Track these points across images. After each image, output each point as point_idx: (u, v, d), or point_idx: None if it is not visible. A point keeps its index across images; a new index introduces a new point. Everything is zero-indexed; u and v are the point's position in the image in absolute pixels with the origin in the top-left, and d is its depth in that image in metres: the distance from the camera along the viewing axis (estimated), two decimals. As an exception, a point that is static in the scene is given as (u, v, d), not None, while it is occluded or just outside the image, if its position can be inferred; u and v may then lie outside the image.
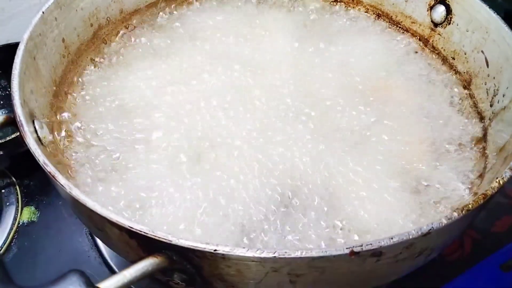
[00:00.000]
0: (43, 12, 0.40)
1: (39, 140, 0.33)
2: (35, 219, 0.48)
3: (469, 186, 0.37)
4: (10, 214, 0.48)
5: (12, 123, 0.32)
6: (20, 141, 0.50)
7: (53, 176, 0.26)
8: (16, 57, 0.35)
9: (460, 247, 0.48)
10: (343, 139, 0.40)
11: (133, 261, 0.25)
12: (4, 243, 0.46)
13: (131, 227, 0.24)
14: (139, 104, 0.43)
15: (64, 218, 0.49)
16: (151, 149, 0.39)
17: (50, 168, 0.27)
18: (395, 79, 0.47)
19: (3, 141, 0.47)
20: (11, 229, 0.47)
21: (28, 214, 0.48)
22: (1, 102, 0.60)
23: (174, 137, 0.40)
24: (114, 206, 0.33)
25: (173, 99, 0.44)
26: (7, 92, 0.60)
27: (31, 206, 0.49)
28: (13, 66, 0.34)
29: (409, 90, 0.46)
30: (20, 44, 0.36)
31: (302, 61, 0.48)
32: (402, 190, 0.37)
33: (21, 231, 0.47)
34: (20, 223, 0.48)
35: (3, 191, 0.49)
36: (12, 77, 0.33)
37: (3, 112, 0.59)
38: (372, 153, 0.39)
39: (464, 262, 0.46)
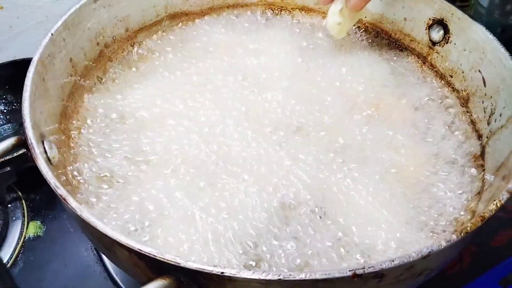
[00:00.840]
0: (52, 34, 0.41)
1: (48, 160, 0.34)
2: (41, 234, 0.49)
3: (467, 203, 0.38)
4: (16, 229, 0.48)
5: (23, 145, 0.33)
6: (26, 157, 0.51)
7: (64, 199, 0.27)
8: (26, 79, 0.36)
9: (459, 261, 0.48)
10: (343, 156, 0.41)
11: (141, 281, 0.26)
12: (10, 257, 0.47)
13: (140, 250, 0.25)
14: (146, 121, 0.44)
15: (69, 233, 0.49)
16: (157, 167, 0.40)
17: (61, 191, 0.28)
18: (393, 96, 0.48)
19: (10, 157, 0.48)
20: (17, 243, 0.47)
21: (34, 228, 0.49)
22: (8, 116, 0.61)
23: (181, 154, 0.41)
24: (118, 224, 0.34)
25: (179, 117, 0.45)
26: (13, 107, 0.61)
27: (37, 220, 0.50)
28: (24, 89, 0.35)
29: (407, 107, 0.47)
30: (30, 66, 0.37)
31: (304, 78, 0.49)
32: (400, 207, 0.38)
33: (27, 246, 0.48)
34: (26, 238, 0.48)
35: (9, 205, 0.50)
36: (23, 99, 0.34)
37: (10, 127, 0.60)
38: (370, 170, 0.40)
39: (463, 276, 0.47)
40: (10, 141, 0.32)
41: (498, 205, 0.28)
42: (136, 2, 0.51)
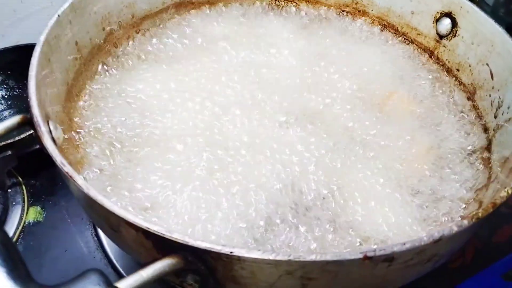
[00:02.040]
0: (58, 15, 0.40)
1: (53, 141, 0.33)
2: (41, 219, 0.48)
3: (474, 196, 0.38)
4: (16, 214, 0.48)
5: (28, 123, 0.32)
6: (28, 141, 0.51)
7: (70, 177, 0.27)
8: (32, 58, 0.35)
9: (462, 256, 0.48)
10: (350, 148, 0.40)
11: (145, 262, 0.26)
12: (9, 243, 0.46)
13: (149, 228, 0.25)
14: (149, 105, 0.44)
15: (69, 219, 0.49)
16: (161, 151, 0.40)
17: (67, 168, 0.27)
18: (399, 89, 0.48)
19: (12, 141, 0.47)
20: (17, 228, 0.47)
21: (34, 214, 0.49)
22: (9, 102, 0.60)
23: (186, 141, 0.40)
24: (122, 204, 0.33)
25: (183, 104, 0.44)
26: (14, 93, 0.61)
27: (37, 206, 0.50)
28: (30, 68, 0.34)
29: (414, 101, 0.47)
30: (36, 46, 0.37)
31: (309, 70, 0.49)
32: (407, 197, 0.38)
33: (27, 231, 0.47)
34: (26, 223, 0.48)
35: (9, 190, 0.49)
36: (29, 79, 0.34)
37: (11, 112, 0.60)
38: (378, 161, 0.40)
39: (466, 271, 0.47)
40: (15, 119, 0.31)
41: (510, 192, 0.28)
42: (143, -12, 0.51)
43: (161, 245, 0.25)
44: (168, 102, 0.44)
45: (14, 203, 0.48)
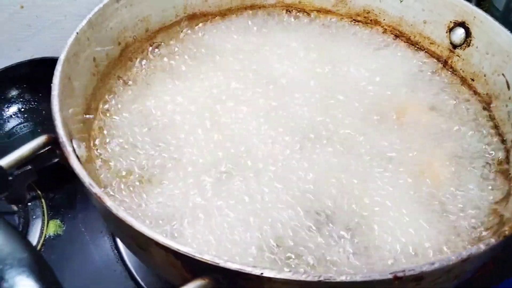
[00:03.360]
0: (77, 33, 0.41)
1: (78, 159, 0.34)
2: (61, 233, 0.49)
3: (493, 207, 0.38)
4: (36, 228, 0.48)
5: (53, 143, 0.33)
6: (47, 155, 0.51)
7: (99, 198, 0.27)
8: (54, 78, 0.36)
9: (483, 265, 0.48)
10: (368, 161, 0.40)
11: (176, 281, 0.26)
12: (30, 256, 0.46)
13: (179, 250, 0.25)
14: (165, 120, 0.44)
15: (89, 232, 0.49)
16: (180, 167, 0.40)
17: (96, 190, 0.28)
18: (414, 100, 0.48)
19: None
20: (38, 242, 0.47)
21: (54, 227, 0.49)
22: (25, 115, 0.61)
23: (203, 154, 0.41)
24: (146, 223, 0.34)
25: (200, 117, 0.45)
26: (30, 106, 0.61)
27: (57, 219, 0.50)
28: (52, 88, 0.35)
29: (429, 111, 0.47)
30: (57, 65, 0.37)
31: (325, 82, 0.49)
32: (426, 211, 0.38)
33: (47, 245, 0.48)
34: (47, 236, 0.48)
35: (29, 204, 0.50)
36: (52, 98, 0.34)
37: (26, 126, 0.60)
38: (396, 174, 0.40)
39: (488, 280, 0.47)
40: (40, 140, 0.32)
41: (535, 208, 0.28)
42: (157, 2, 0.51)
43: (191, 266, 0.26)
44: (182, 118, 0.44)
45: (34, 217, 0.49)
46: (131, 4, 0.48)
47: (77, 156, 0.34)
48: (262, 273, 0.24)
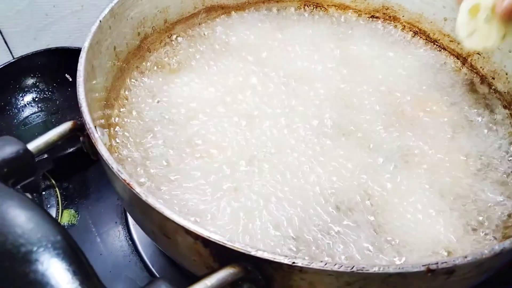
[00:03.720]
0: (100, 21, 0.41)
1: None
2: (75, 222, 0.49)
3: (514, 205, 0.38)
4: (51, 217, 0.48)
5: (78, 129, 0.32)
6: (62, 144, 0.51)
7: (128, 184, 0.27)
8: (79, 64, 0.36)
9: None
10: (388, 159, 0.40)
11: (199, 271, 0.26)
12: (45, 245, 0.46)
13: (209, 237, 0.25)
14: (183, 111, 0.44)
15: (103, 222, 0.49)
16: (197, 161, 0.40)
17: (124, 175, 0.27)
18: (433, 96, 0.47)
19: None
20: (52, 231, 0.47)
21: (68, 216, 0.49)
22: (39, 105, 0.61)
23: (223, 146, 0.41)
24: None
25: (218, 110, 0.44)
26: (44, 95, 0.61)
27: (71, 209, 0.50)
28: (77, 74, 0.35)
29: (448, 108, 0.46)
30: (82, 52, 0.37)
31: (338, 76, 0.49)
32: (449, 207, 0.37)
33: (61, 234, 0.48)
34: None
35: (43, 193, 0.50)
36: (77, 85, 0.34)
37: (40, 115, 0.60)
38: (416, 171, 0.39)
39: (504, 280, 0.46)
40: (67, 125, 0.32)
41: None
42: (177, -7, 0.51)
43: (220, 254, 0.26)
44: (200, 110, 0.44)
45: (48, 206, 0.49)
46: (151, -6, 0.48)
47: (101, 143, 0.34)
48: (293, 262, 0.24)
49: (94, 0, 0.59)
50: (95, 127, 0.34)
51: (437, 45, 0.53)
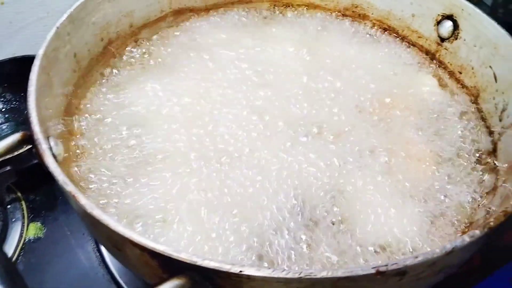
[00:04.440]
0: (57, 27, 0.40)
1: (54, 157, 0.33)
2: (41, 235, 0.48)
3: (480, 201, 0.38)
4: (16, 231, 0.47)
5: (28, 140, 0.31)
6: (26, 156, 0.50)
7: (73, 196, 0.26)
8: (31, 73, 0.35)
9: (469, 260, 0.47)
10: (354, 157, 0.40)
11: (151, 281, 0.25)
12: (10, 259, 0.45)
13: (154, 248, 0.24)
14: (149, 117, 0.43)
15: (70, 234, 0.48)
16: (162, 163, 0.39)
17: (70, 187, 0.27)
18: (401, 93, 0.47)
19: (10, 156, 0.46)
20: (17, 246, 0.46)
21: (34, 230, 0.48)
22: (6, 115, 0.59)
23: (186, 150, 0.40)
24: (124, 222, 0.32)
25: (184, 112, 0.44)
26: (12, 105, 0.60)
27: (37, 222, 0.49)
28: (29, 83, 0.34)
29: (416, 105, 0.46)
30: (35, 60, 0.36)
31: (311, 75, 0.48)
32: (414, 204, 0.37)
33: (27, 248, 0.47)
34: (26, 240, 0.47)
35: (8, 206, 0.49)
36: (28, 94, 0.33)
37: (8, 126, 0.59)
38: (384, 169, 0.39)
39: (473, 275, 0.46)
40: (15, 137, 0.31)
41: (521, 200, 0.27)
42: (141, -3, 0.50)
43: (167, 265, 0.25)
44: (166, 115, 0.43)
45: (13, 220, 0.48)
46: (114, -2, 0.47)
47: (53, 154, 0.33)
48: (241, 271, 0.23)
49: (59, 6, 0.58)
50: (48, 137, 0.33)
51: (406, 41, 0.53)
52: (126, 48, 0.50)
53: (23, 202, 0.50)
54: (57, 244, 0.47)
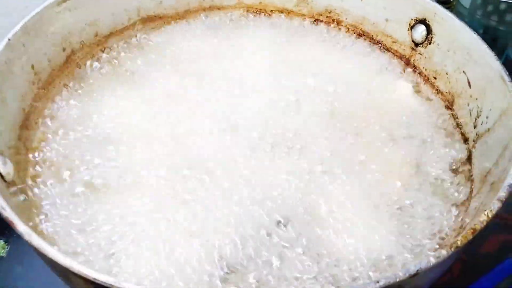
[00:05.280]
0: (9, 39, 0.38)
1: (1, 177, 0.31)
2: (3, 254, 0.45)
3: (454, 212, 0.36)
4: (-24, 251, 0.45)
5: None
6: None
7: (10, 222, 0.24)
8: (-22, 88, 0.33)
9: (449, 271, 0.46)
10: (325, 165, 0.38)
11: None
12: (-31, 282, 0.43)
13: (95, 279, 0.22)
14: (116, 132, 0.41)
15: (35, 253, 0.46)
16: (129, 184, 0.37)
17: (7, 213, 0.25)
18: (375, 99, 0.46)
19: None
20: (-23, 267, 0.44)
21: (-4, 249, 0.46)
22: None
23: (154, 165, 0.38)
24: (82, 248, 0.31)
25: (153, 126, 0.42)
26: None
27: (0, 240, 0.46)
28: (-26, 99, 0.32)
29: (390, 112, 0.45)
30: (-18, 74, 0.34)
31: (281, 83, 0.47)
32: (384, 216, 0.36)
33: (-12, 268, 0.44)
34: (-13, 260, 0.45)
35: (-31, 225, 0.46)
36: (-28, 111, 0.31)
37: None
38: (356, 179, 0.38)
39: (454, 285, 0.45)
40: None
41: (490, 215, 0.26)
42: (105, 5, 0.48)
43: (113, 296, 0.23)
44: (135, 127, 0.41)
45: (-26, 239, 0.45)
46: (75, 7, 0.45)
47: (1, 174, 0.31)
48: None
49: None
50: (-5, 156, 0.31)
51: (381, 46, 0.52)
52: (92, 58, 0.49)
53: (-16, 221, 0.47)
54: (21, 263, 0.45)
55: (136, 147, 0.40)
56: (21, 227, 0.24)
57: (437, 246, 0.32)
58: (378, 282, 0.22)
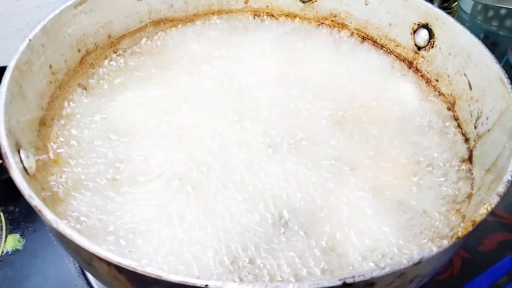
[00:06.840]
0: (30, 40, 0.39)
1: (25, 170, 0.32)
2: (20, 247, 0.47)
3: (456, 208, 0.38)
4: (-7, 243, 0.46)
5: (-3, 154, 0.31)
6: (2, 167, 0.49)
7: (39, 211, 0.26)
8: (1, 86, 0.34)
9: (450, 267, 0.48)
10: (328, 166, 0.40)
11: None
12: (-14, 274, 0.44)
13: (120, 263, 0.24)
14: (129, 130, 0.43)
15: (50, 246, 0.47)
16: (142, 178, 0.39)
17: (36, 202, 0.26)
18: (379, 101, 0.47)
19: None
20: (-6, 259, 0.45)
21: (12, 242, 0.47)
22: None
23: (165, 165, 0.39)
24: (102, 239, 0.32)
25: (164, 125, 0.43)
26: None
27: (16, 233, 0.48)
28: (-1, 96, 0.33)
29: (393, 113, 0.46)
30: (5, 72, 0.36)
31: (290, 85, 0.48)
32: (388, 213, 0.37)
33: (5, 260, 0.46)
34: (4, 252, 0.46)
35: (-14, 219, 0.48)
36: (-3, 107, 0.33)
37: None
38: (360, 178, 0.39)
39: (454, 282, 0.47)
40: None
41: (489, 209, 0.27)
42: (119, 8, 0.50)
43: (135, 279, 0.25)
44: (146, 126, 0.43)
45: (-9, 232, 0.47)
46: (90, 10, 0.47)
47: (24, 167, 0.33)
48: (206, 285, 0.23)
49: (39, 17, 0.57)
50: (18, 150, 0.33)
51: (384, 49, 0.54)
52: (106, 59, 0.50)
53: (1, 214, 0.49)
54: (36, 256, 0.47)
55: (149, 144, 0.42)
56: (48, 215, 0.26)
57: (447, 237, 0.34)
58: (383, 268, 0.23)
